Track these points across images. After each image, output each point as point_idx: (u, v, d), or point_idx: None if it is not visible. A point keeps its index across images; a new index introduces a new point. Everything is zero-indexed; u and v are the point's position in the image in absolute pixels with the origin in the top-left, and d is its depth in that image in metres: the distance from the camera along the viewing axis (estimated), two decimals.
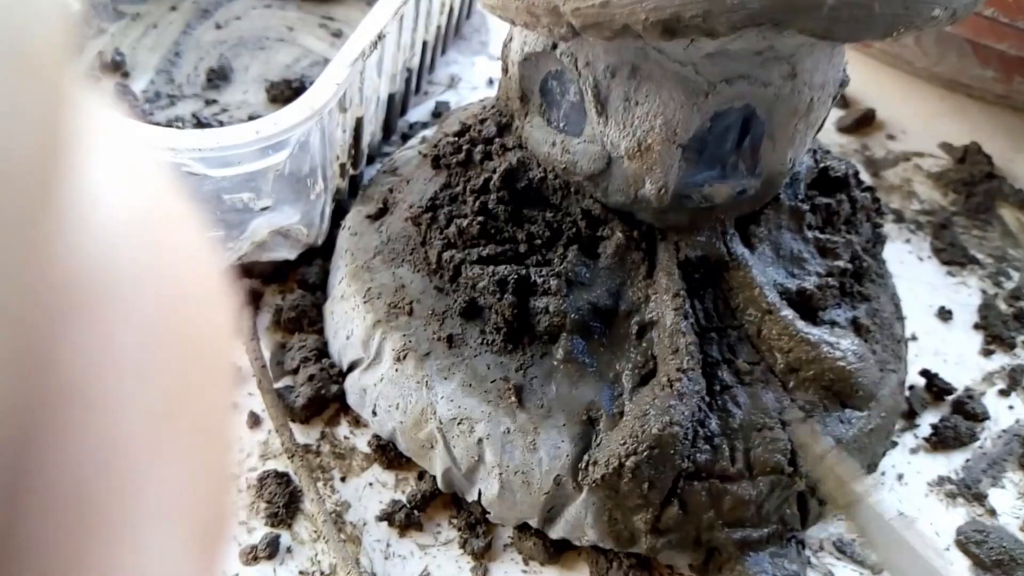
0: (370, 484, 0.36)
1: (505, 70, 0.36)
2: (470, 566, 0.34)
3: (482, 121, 0.39)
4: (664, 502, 0.32)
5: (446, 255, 0.36)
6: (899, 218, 0.51)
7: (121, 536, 0.08)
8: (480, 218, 0.36)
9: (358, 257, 0.39)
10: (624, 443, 0.31)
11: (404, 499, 0.35)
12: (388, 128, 0.48)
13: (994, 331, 0.45)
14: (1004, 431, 0.41)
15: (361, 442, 0.37)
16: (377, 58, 0.42)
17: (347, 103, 0.39)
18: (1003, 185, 0.53)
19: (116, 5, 0.56)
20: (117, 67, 0.51)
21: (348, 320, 0.38)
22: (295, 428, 0.37)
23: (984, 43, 0.51)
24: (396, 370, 0.35)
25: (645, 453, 0.31)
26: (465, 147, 0.38)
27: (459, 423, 0.34)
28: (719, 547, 0.34)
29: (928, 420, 0.41)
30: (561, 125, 0.35)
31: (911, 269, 0.48)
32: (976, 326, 0.46)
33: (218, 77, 0.52)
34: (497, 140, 0.38)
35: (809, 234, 0.38)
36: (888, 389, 0.37)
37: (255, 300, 0.42)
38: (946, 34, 0.53)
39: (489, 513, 0.34)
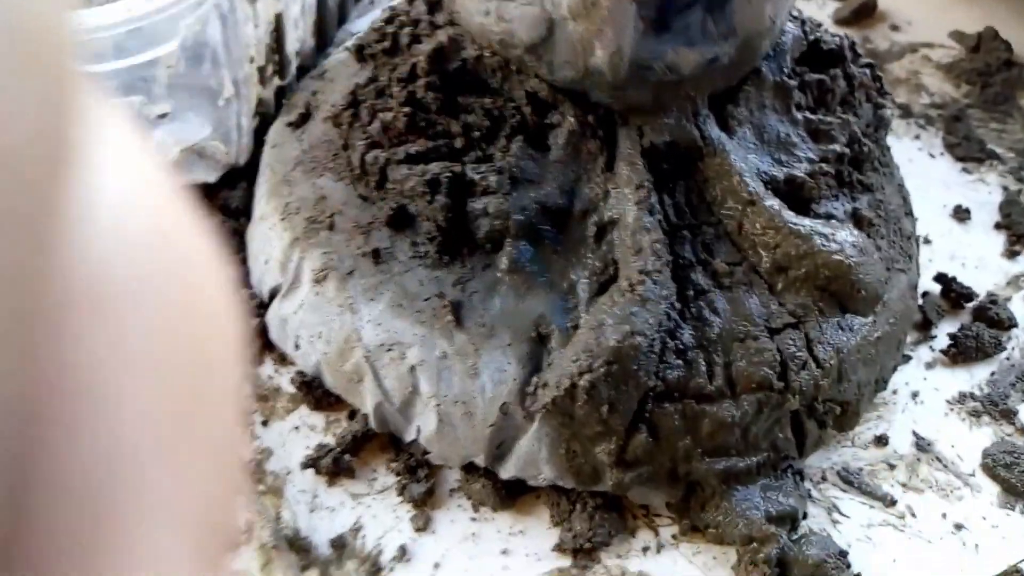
0: (296, 428, 0.31)
1: None
2: (410, 515, 0.29)
3: (411, 1, 0.33)
4: (630, 429, 0.27)
5: (370, 156, 0.31)
6: (907, 113, 0.45)
7: (126, 540, 0.08)
8: (407, 109, 0.30)
9: (277, 171, 0.34)
10: (577, 359, 0.26)
11: (333, 442, 0.30)
12: (324, 36, 0.43)
13: (1019, 230, 0.40)
14: None
15: (286, 381, 0.32)
16: None
17: None
18: (1023, 74, 0.47)
19: None
20: None
21: (266, 242, 0.33)
22: None
23: None
24: (316, 293, 0.30)
25: (602, 369, 0.26)
26: (391, 32, 0.32)
27: (388, 349, 0.29)
28: (700, 481, 0.29)
29: (946, 330, 0.36)
30: None
31: (921, 167, 0.43)
32: (998, 225, 0.40)
33: None
34: (427, 19, 0.32)
35: (798, 115, 0.32)
36: (897, 291, 0.32)
37: None
38: None
39: (429, 453, 0.29)
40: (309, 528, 0.29)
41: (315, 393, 0.31)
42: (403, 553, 0.28)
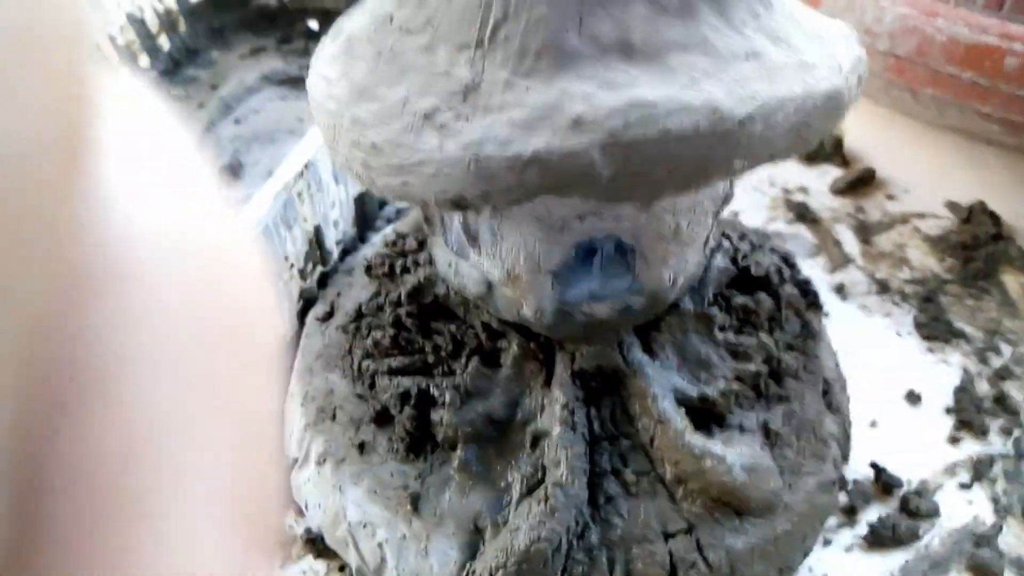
0: (303, 572, 0.40)
1: None
2: None
3: (407, 235, 0.42)
4: None
5: (364, 364, 0.39)
6: (883, 288, 0.49)
7: (154, 528, 0.08)
8: (392, 331, 0.39)
9: (305, 359, 0.43)
10: (496, 556, 0.33)
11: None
12: (366, 220, 0.52)
13: (966, 416, 0.43)
14: (956, 529, 0.40)
15: (301, 531, 0.41)
16: (332, 168, 0.45)
17: (292, 220, 0.43)
18: (1009, 248, 0.50)
19: None
20: None
21: (291, 419, 0.42)
22: None
23: (972, 105, 0.48)
24: (318, 472, 0.39)
25: (514, 568, 0.33)
26: (390, 259, 0.41)
27: (364, 526, 0.37)
28: None
29: (871, 516, 0.40)
30: (454, 248, 0.37)
31: (886, 348, 0.47)
32: (948, 410, 0.44)
33: (230, 173, 0.57)
34: (415, 255, 0.40)
35: (720, 336, 0.38)
36: (803, 493, 0.37)
37: None
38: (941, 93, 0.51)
39: None
40: None
41: (319, 546, 0.40)
42: None
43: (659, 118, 0.25)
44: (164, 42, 0.64)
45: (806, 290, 0.41)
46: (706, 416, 0.37)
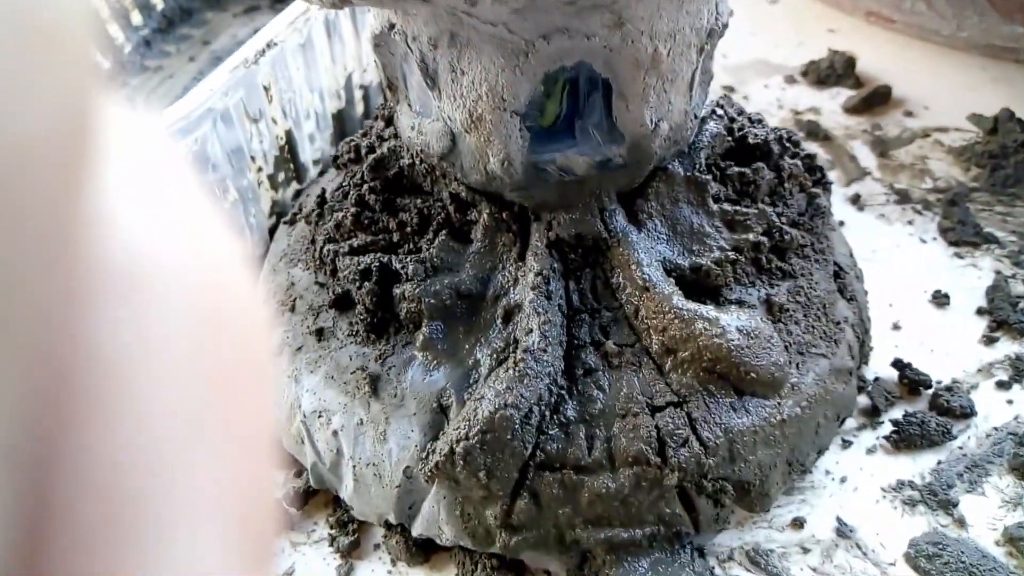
0: None
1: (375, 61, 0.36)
2: (336, 564, 0.33)
3: (376, 118, 0.39)
4: (514, 494, 0.30)
5: (325, 249, 0.36)
6: (904, 198, 0.45)
7: (158, 533, 0.08)
8: (354, 209, 0.35)
9: (270, 261, 0.40)
10: (457, 428, 0.29)
11: (282, 496, 0.35)
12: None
13: (1001, 316, 0.39)
14: (996, 429, 0.35)
15: None
16: (303, 72, 0.43)
17: (256, 114, 0.40)
18: None
19: (143, 60, 0.62)
20: None
21: None
22: None
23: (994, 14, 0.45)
24: (274, 365, 0.35)
25: (476, 438, 0.29)
26: (355, 144, 0.38)
27: (319, 416, 0.33)
28: (590, 550, 0.30)
29: (896, 416, 0.35)
30: (416, 108, 0.34)
31: (908, 252, 0.42)
32: (980, 311, 0.39)
33: None
34: (383, 132, 0.37)
35: (715, 207, 0.34)
36: (813, 376, 0.33)
37: None
38: None
39: (352, 509, 0.33)
40: None
41: (277, 452, 0.36)
42: None
43: None
44: (158, 1, 0.64)
45: (812, 165, 0.37)
46: (699, 290, 0.33)
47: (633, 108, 0.31)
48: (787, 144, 0.37)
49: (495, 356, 0.32)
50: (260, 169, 0.42)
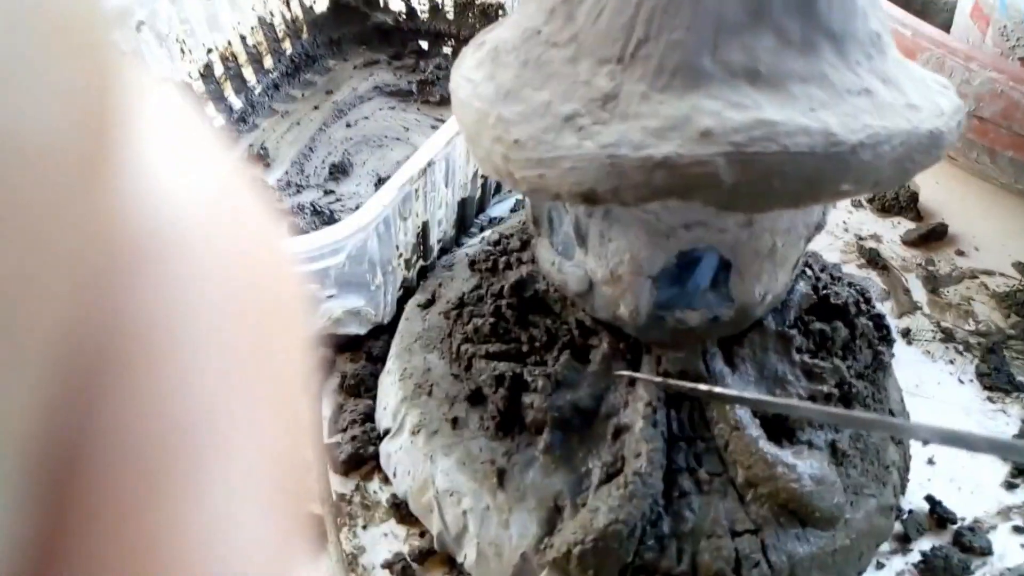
0: (384, 534, 0.43)
1: (524, 198, 0.43)
2: None
3: (511, 236, 0.45)
4: None
5: (463, 348, 0.42)
6: (949, 337, 0.51)
7: (197, 496, 0.08)
8: (492, 319, 0.42)
9: (404, 340, 0.46)
10: (575, 532, 0.36)
11: (407, 552, 0.42)
12: (464, 224, 0.56)
13: (1023, 464, 0.45)
14: (1009, 569, 0.41)
15: (385, 497, 0.44)
16: (444, 172, 0.49)
17: (407, 213, 0.46)
18: None
19: (271, 104, 0.68)
20: (261, 158, 0.63)
21: (387, 393, 0.45)
22: (335, 479, 0.45)
23: None
24: (411, 442, 0.42)
25: (591, 544, 0.36)
26: (493, 256, 0.44)
27: (451, 494, 0.40)
28: None
29: (924, 547, 0.42)
30: (559, 248, 0.40)
31: (947, 391, 0.49)
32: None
33: (339, 171, 0.62)
34: (518, 253, 0.44)
35: (797, 357, 0.41)
36: (864, 512, 0.39)
37: (328, 366, 0.50)
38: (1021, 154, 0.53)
39: (471, 575, 0.40)
40: None
41: (402, 511, 0.43)
42: None
43: (780, 137, 0.28)
44: (288, 46, 0.70)
45: (880, 324, 0.43)
46: (778, 430, 0.39)
47: (747, 283, 0.37)
48: (862, 306, 0.43)
49: (604, 468, 0.38)
50: (401, 255, 0.48)
